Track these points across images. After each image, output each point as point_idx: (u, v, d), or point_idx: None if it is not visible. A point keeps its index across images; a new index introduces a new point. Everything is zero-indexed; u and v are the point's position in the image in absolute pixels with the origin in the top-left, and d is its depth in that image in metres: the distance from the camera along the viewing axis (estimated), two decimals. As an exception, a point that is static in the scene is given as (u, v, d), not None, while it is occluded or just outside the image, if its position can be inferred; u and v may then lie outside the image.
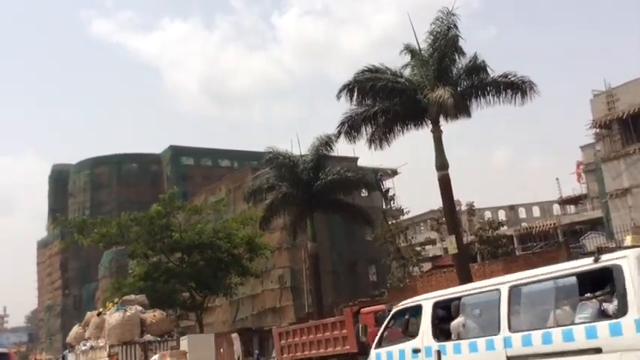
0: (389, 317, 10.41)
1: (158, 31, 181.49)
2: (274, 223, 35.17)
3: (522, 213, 64.62)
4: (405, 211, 50.00)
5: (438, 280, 30.29)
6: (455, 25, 25.37)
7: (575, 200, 58.98)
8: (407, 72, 27.14)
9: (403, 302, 10.23)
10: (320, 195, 32.15)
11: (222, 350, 42.84)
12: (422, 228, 59.16)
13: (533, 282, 7.32)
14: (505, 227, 40.91)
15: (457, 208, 32.61)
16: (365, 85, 26.16)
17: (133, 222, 25.27)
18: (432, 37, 25.94)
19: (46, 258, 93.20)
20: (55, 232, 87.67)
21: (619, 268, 6.44)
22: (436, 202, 33.32)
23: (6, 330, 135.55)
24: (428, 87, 25.04)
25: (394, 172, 50.28)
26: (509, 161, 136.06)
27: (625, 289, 6.28)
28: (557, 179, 74.98)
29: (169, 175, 78.20)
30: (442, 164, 25.74)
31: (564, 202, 61.06)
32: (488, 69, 25.51)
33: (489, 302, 7.63)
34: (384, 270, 40.26)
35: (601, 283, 6.76)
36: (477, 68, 25.72)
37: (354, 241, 43.13)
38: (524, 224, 55.06)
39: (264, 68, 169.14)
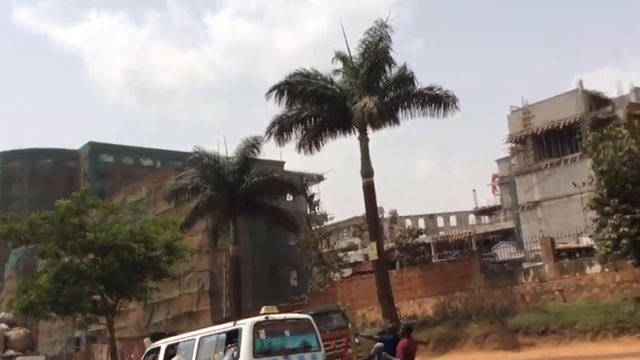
0: (145, 353, 14.67)
1: (84, 22, 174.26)
2: (196, 225, 34.50)
3: (440, 222, 66.82)
4: (328, 216, 50.44)
5: (358, 285, 30.69)
6: (387, 37, 25.94)
7: (489, 211, 61.62)
8: (338, 78, 27.47)
9: (153, 344, 14.93)
10: (244, 198, 31.84)
11: (133, 356, 41.42)
12: (345, 234, 59.88)
13: (209, 335, 12.18)
14: (424, 235, 42.06)
15: (380, 216, 33.22)
16: (296, 88, 26.24)
17: (44, 220, 23.89)
18: (363, 47, 26.38)
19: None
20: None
21: (240, 330, 10.96)
22: (360, 209, 33.83)
23: None
24: (357, 95, 25.43)
25: (320, 178, 50.61)
26: (431, 171, 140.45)
27: (241, 342, 10.79)
28: (474, 190, 78.30)
29: (87, 172, 75.05)
30: (367, 171, 26.17)
31: (479, 212, 63.68)
32: (415, 80, 26.25)
33: (190, 346, 12.29)
34: (305, 275, 40.35)
35: (235, 338, 11.14)
36: (404, 79, 26.36)
37: (276, 246, 42.97)
38: (441, 233, 56.96)
39: (194, 67, 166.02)
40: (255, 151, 31.87)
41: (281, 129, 27.23)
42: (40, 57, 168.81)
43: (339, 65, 27.51)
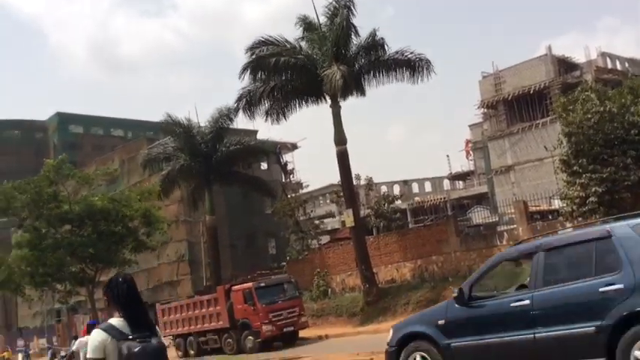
0: None
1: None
2: (172, 195, 34.31)
3: (415, 188, 67.55)
4: (304, 184, 50.59)
5: (335, 252, 31.07)
6: (351, 2, 25.61)
7: (463, 176, 62.49)
8: (304, 45, 27.09)
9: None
10: (219, 167, 31.73)
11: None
12: (321, 202, 60.20)
13: None
14: (399, 201, 42.56)
15: (355, 183, 33.41)
16: (268, 62, 25.80)
17: (17, 190, 23.48)
18: (329, 12, 26.06)
19: None
20: None
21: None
22: (335, 177, 33.99)
23: None
24: (327, 64, 25.22)
25: (294, 146, 50.52)
26: (405, 137, 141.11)
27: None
28: (447, 156, 79.24)
29: (56, 143, 73.51)
30: (340, 139, 26.18)
31: (454, 177, 64.52)
32: (386, 46, 26.06)
33: None
34: (283, 243, 40.63)
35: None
36: (375, 45, 26.14)
37: (252, 215, 43.09)
38: (417, 198, 57.65)
39: (160, 36, 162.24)
40: (229, 120, 31.63)
41: (250, 101, 26.95)
42: None
43: (301, 31, 27.07)
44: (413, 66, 25.94)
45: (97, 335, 3.81)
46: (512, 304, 7.02)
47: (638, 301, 6.10)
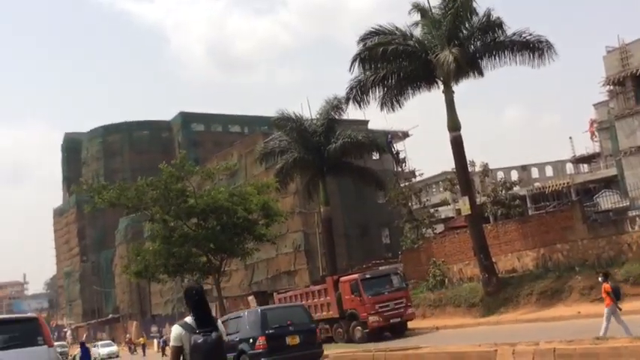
0: None
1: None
2: (287, 188, 35.37)
3: (535, 173, 64.24)
4: (417, 173, 49.96)
5: (451, 241, 30.46)
6: None
7: (588, 159, 58.54)
8: (417, 32, 26.72)
9: None
10: (331, 159, 32.18)
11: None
12: (434, 190, 59.17)
13: None
14: (518, 187, 40.75)
15: (470, 169, 32.47)
16: (376, 51, 25.75)
17: (149, 187, 25.39)
18: None
19: (63, 226, 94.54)
20: (71, 200, 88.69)
21: None
22: (449, 164, 33.29)
23: (26, 297, 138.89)
24: (439, 48, 24.69)
25: (405, 135, 50.00)
26: (522, 120, 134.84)
27: None
28: (570, 138, 74.64)
29: (180, 141, 78.26)
30: (454, 125, 25.59)
31: (577, 160, 60.62)
32: (504, 26, 24.99)
33: None
34: (397, 233, 40.46)
35: None
36: (491, 26, 25.20)
37: (365, 205, 43.28)
38: (537, 184, 54.84)
39: (271, 32, 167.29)
40: (339, 111, 31.92)
41: (361, 91, 27.04)
42: (124, 34, 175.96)
43: (417, 17, 26.73)
44: (532, 48, 24.73)
45: (176, 329, 5.11)
46: None
47: None
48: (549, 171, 63.81)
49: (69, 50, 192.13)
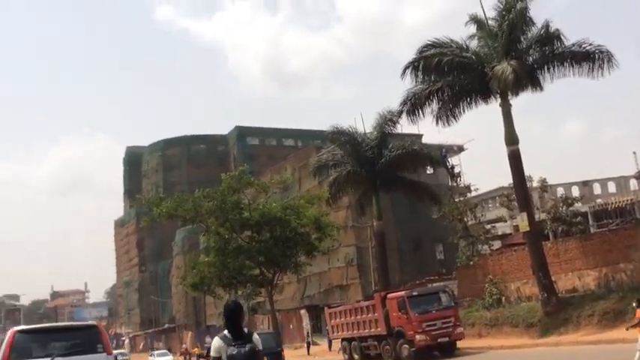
0: None
1: (219, 11, 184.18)
2: (340, 201, 35.34)
3: (597, 189, 61.67)
4: (472, 187, 48.94)
5: (508, 258, 29.61)
6: None
7: (655, 175, 55.83)
8: (473, 44, 26.36)
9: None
10: (385, 172, 31.98)
11: (291, 326, 43.83)
12: (490, 205, 57.77)
13: None
14: (579, 204, 39.29)
15: (528, 184, 31.55)
16: (430, 62, 25.52)
17: (205, 198, 25.91)
18: (501, 6, 25.03)
19: (123, 236, 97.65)
20: (131, 212, 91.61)
21: None
22: (505, 179, 32.49)
23: (87, 305, 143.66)
24: (496, 60, 24.26)
25: (460, 149, 49.12)
26: (582, 134, 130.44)
27: None
28: (634, 153, 71.16)
29: (236, 155, 79.71)
30: (512, 139, 24.99)
31: (643, 176, 57.92)
32: (562, 38, 24.34)
33: None
34: (451, 248, 39.69)
35: None
36: (549, 37, 24.60)
37: (419, 219, 42.69)
38: (599, 200, 52.67)
39: (325, 48, 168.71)
40: (392, 125, 31.74)
41: (415, 103, 26.78)
42: (184, 50, 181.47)
43: (473, 29, 26.41)
44: (592, 59, 23.95)
45: (216, 341, 5.68)
46: None
47: None
48: (612, 187, 61.16)
49: (133, 67, 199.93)
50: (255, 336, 5.73)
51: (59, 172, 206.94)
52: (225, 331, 5.66)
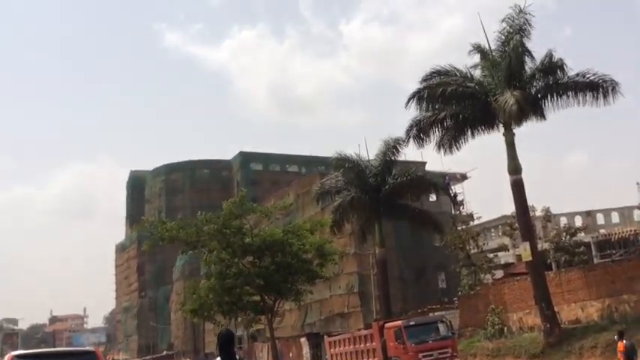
0: None
1: (227, 38, 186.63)
2: (342, 228, 35.26)
3: (600, 219, 61.39)
4: (475, 216, 48.82)
5: (511, 288, 29.41)
6: (527, 23, 24.67)
7: (658, 206, 55.67)
8: (477, 73, 26.60)
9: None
10: (388, 200, 31.97)
11: (291, 354, 43.33)
12: (492, 234, 57.55)
13: None
14: (582, 234, 39.15)
15: (531, 214, 31.52)
16: (435, 91, 25.77)
17: (207, 223, 25.91)
18: (503, 37, 25.34)
19: (124, 261, 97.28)
20: (132, 236, 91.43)
21: None
22: (508, 208, 32.44)
23: (86, 330, 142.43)
24: (499, 90, 24.45)
25: (463, 177, 49.20)
26: (585, 164, 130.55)
27: None
28: (637, 183, 71.08)
29: (239, 180, 79.77)
30: (515, 168, 25.04)
31: (646, 207, 57.75)
32: (565, 68, 24.56)
33: None
34: (453, 277, 39.44)
35: None
36: (553, 67, 24.84)
37: (422, 247, 42.52)
38: (602, 231, 52.43)
39: (331, 75, 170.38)
40: (396, 152, 31.87)
41: (419, 131, 26.98)
42: (191, 77, 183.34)
43: (477, 59, 26.69)
44: (596, 88, 24.12)
45: None
46: None
47: None
48: (615, 217, 60.87)
49: (138, 91, 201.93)
50: None
51: (63, 196, 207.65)
52: (218, 358, 6.09)
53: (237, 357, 6.14)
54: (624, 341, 14.40)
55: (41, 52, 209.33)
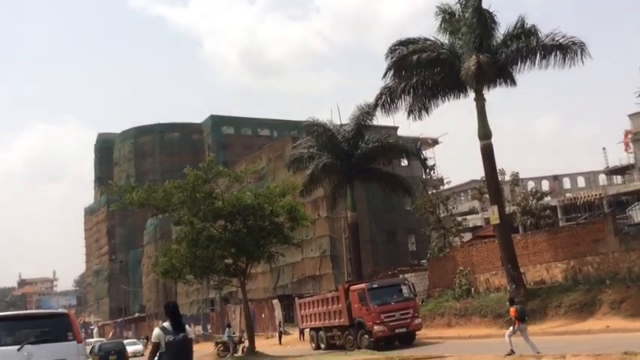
0: None
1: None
2: (314, 192, 35.42)
3: (567, 183, 63.10)
4: (445, 180, 49.53)
5: (479, 250, 30.09)
6: None
7: (622, 170, 57.32)
8: (446, 39, 26.50)
9: None
10: (360, 164, 32.13)
11: (263, 315, 43.89)
12: (462, 198, 58.59)
13: None
14: (549, 198, 40.10)
15: (500, 178, 32.09)
16: (410, 60, 25.66)
17: (177, 189, 25.62)
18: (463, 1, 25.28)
19: (93, 224, 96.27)
20: (101, 199, 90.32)
21: None
22: (478, 172, 32.94)
23: (56, 293, 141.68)
24: (468, 55, 24.47)
25: (435, 142, 49.63)
26: (554, 129, 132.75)
27: None
28: (603, 149, 72.90)
29: (210, 144, 78.99)
30: (485, 133, 25.30)
31: (611, 172, 59.41)
32: (539, 33, 24.59)
33: None
34: (423, 240, 40.19)
35: None
36: (526, 33, 24.88)
37: (392, 211, 43.09)
38: (568, 195, 53.88)
39: (303, 38, 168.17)
40: (369, 117, 31.84)
41: (390, 99, 26.99)
42: (158, 38, 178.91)
43: (439, 23, 26.44)
44: (565, 50, 24.26)
45: (156, 331, 7.32)
46: None
47: None
48: (581, 182, 62.63)
49: (103, 52, 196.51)
50: (188, 327, 7.40)
51: (29, 159, 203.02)
52: (165, 323, 7.25)
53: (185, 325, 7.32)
54: (516, 306, 16.24)
55: (3, 12, 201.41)
